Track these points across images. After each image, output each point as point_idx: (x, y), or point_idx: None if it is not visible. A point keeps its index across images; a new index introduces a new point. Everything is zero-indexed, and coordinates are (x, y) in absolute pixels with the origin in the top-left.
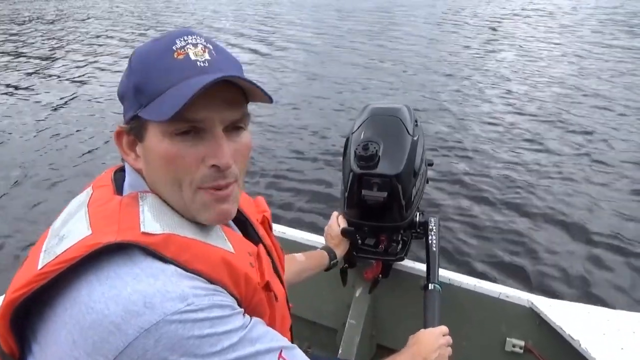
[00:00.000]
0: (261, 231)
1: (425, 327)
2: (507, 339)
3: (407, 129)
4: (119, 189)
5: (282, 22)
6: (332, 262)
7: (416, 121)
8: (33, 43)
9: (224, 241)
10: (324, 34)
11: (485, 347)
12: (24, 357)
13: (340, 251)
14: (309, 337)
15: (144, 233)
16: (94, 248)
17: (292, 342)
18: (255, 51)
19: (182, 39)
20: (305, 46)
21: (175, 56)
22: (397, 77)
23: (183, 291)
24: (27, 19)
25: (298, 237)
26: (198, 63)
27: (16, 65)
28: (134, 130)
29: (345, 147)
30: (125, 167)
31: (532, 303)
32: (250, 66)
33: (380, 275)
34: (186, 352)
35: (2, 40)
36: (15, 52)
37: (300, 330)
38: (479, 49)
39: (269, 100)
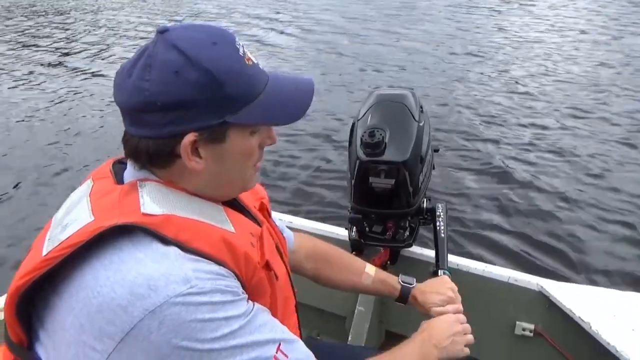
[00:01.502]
0: (260, 217)
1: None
2: (517, 322)
3: (412, 115)
4: (119, 180)
5: (300, 6)
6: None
7: (421, 107)
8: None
9: (226, 222)
10: (340, 18)
11: (495, 331)
12: (32, 346)
13: (417, 302)
14: (318, 324)
15: (144, 214)
16: (98, 232)
17: (300, 327)
18: (267, 35)
19: (238, 44)
20: (318, 30)
21: (247, 62)
22: (406, 61)
23: (186, 274)
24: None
25: (307, 227)
26: (259, 66)
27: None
28: (212, 135)
29: (351, 134)
30: (128, 161)
31: (541, 287)
32: (262, 49)
33: (389, 262)
34: (188, 336)
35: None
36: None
37: (310, 318)
38: (496, 34)
39: None
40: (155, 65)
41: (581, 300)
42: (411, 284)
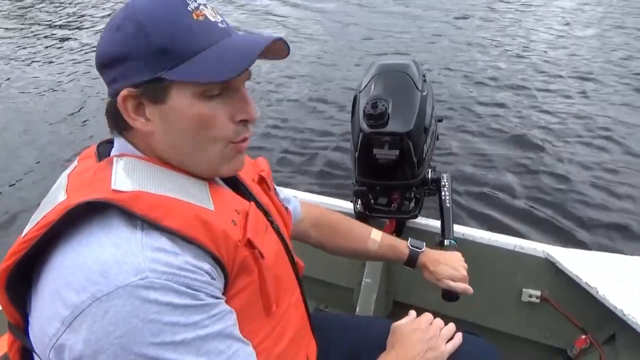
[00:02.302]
0: (255, 190)
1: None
2: (523, 289)
3: (415, 85)
4: (102, 158)
5: None
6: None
7: (424, 76)
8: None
9: (206, 199)
10: None
11: (502, 298)
12: (27, 327)
13: (427, 272)
14: (325, 297)
15: (114, 190)
16: (66, 210)
17: (306, 301)
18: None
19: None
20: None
21: (195, 17)
22: (410, 30)
23: (139, 264)
24: None
25: (312, 201)
26: (219, 25)
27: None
28: (148, 93)
29: (354, 105)
30: (115, 138)
31: (547, 253)
32: (257, 19)
33: (394, 234)
34: (127, 332)
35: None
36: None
37: (317, 291)
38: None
39: (285, 56)
40: (107, 25)
41: (587, 266)
42: (420, 248)
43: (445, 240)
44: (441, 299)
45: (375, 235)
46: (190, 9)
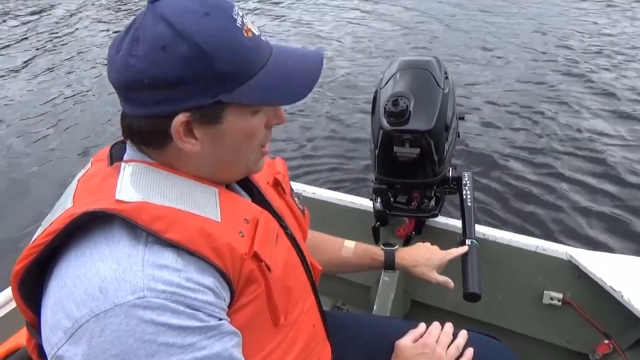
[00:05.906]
0: (269, 193)
1: (464, 284)
2: (545, 291)
3: (437, 82)
4: (115, 162)
5: None
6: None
7: (446, 73)
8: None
9: (213, 209)
10: None
11: (522, 300)
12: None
13: (408, 267)
14: (343, 294)
15: (118, 200)
16: (70, 220)
17: (322, 305)
18: None
19: (235, 13)
20: None
21: (246, 34)
22: (433, 26)
23: (138, 282)
24: None
25: (331, 198)
26: (262, 38)
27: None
28: (206, 115)
29: (374, 102)
30: (128, 142)
31: (570, 255)
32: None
33: (414, 233)
34: (122, 351)
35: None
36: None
37: (335, 288)
38: None
39: None
40: (142, 40)
41: (612, 269)
42: (393, 245)
43: (467, 240)
44: (460, 299)
45: (349, 244)
46: (239, 25)
